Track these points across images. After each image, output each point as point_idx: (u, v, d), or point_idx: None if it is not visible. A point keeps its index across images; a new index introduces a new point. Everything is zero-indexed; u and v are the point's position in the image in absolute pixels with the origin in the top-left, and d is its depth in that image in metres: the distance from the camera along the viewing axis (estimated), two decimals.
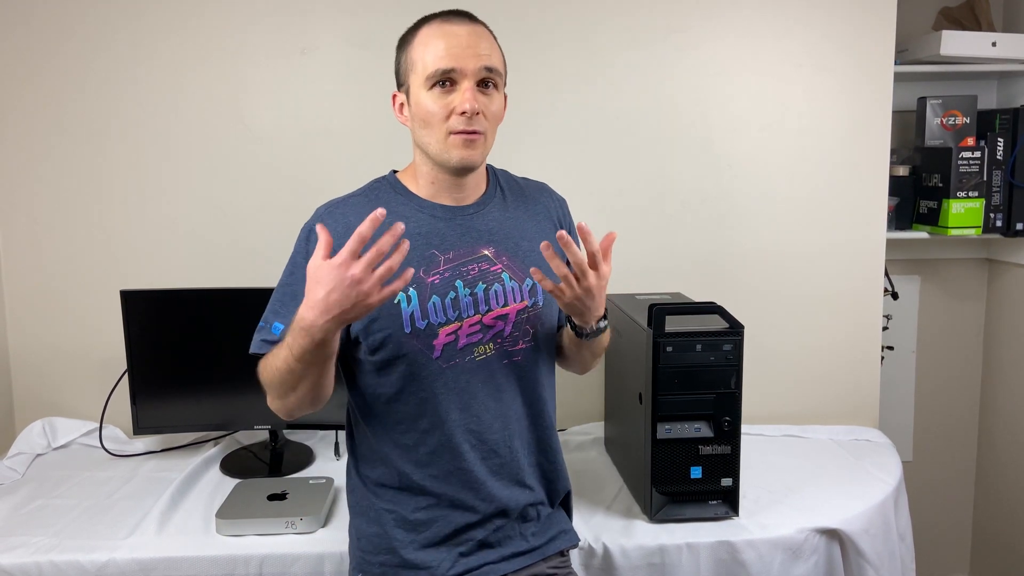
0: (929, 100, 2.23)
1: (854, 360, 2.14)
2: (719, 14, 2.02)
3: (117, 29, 1.96)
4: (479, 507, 1.30)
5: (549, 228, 1.38)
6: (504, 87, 1.30)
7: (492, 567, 1.31)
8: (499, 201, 1.36)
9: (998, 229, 2.22)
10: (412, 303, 1.26)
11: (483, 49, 1.24)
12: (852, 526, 1.59)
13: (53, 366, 2.06)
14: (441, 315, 1.27)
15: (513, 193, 1.39)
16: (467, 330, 1.28)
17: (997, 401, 2.46)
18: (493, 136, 1.29)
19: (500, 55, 1.29)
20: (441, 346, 1.27)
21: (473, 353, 1.28)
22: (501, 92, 1.29)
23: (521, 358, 1.31)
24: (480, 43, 1.24)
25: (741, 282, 2.10)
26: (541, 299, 1.32)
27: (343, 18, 1.99)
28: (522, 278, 1.31)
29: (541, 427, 1.37)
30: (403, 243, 1.07)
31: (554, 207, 1.42)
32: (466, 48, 1.22)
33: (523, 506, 1.34)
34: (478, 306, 1.28)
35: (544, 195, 1.43)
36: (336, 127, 2.01)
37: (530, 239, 1.34)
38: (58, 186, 2.01)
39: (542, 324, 1.33)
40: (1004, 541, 2.44)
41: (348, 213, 1.27)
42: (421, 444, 1.29)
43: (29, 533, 1.54)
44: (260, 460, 1.91)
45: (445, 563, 1.29)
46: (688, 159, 2.07)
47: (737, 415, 1.57)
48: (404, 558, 1.29)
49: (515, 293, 1.30)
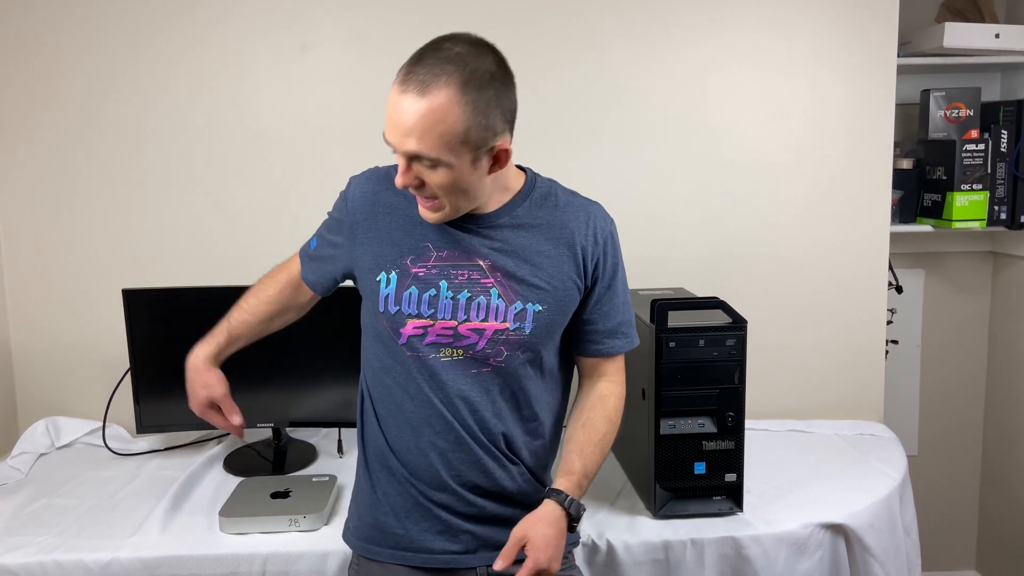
0: (932, 93, 2.22)
1: (858, 354, 2.13)
2: (720, 8, 2.01)
3: (117, 27, 1.96)
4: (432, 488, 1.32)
5: (565, 256, 1.30)
6: (478, 150, 1.16)
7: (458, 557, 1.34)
8: (519, 215, 1.30)
9: (1002, 222, 2.21)
10: (390, 286, 1.28)
11: (411, 129, 1.12)
12: (857, 521, 1.59)
13: (56, 365, 2.06)
14: (413, 307, 1.27)
15: (543, 210, 1.31)
16: (438, 330, 1.27)
17: (1002, 394, 2.45)
18: (462, 196, 1.20)
19: (451, 128, 1.12)
20: (407, 335, 1.28)
21: (439, 353, 1.28)
22: (455, 166, 1.15)
23: (490, 370, 1.29)
24: (415, 121, 1.11)
25: (744, 277, 2.09)
26: (529, 327, 1.27)
27: (342, 15, 1.98)
28: (512, 299, 1.27)
29: (492, 444, 1.31)
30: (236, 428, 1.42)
31: (583, 233, 1.31)
32: (398, 125, 1.13)
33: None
34: (456, 313, 1.27)
35: (579, 220, 1.31)
36: (336, 123, 2.01)
37: (535, 263, 1.28)
38: (60, 185, 2.01)
39: (524, 349, 1.29)
40: (1010, 535, 2.44)
41: (379, 187, 1.33)
42: (390, 416, 1.33)
43: (33, 533, 1.54)
44: (263, 458, 1.91)
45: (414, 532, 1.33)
46: (691, 154, 2.06)
47: (741, 410, 1.56)
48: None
49: (498, 312, 1.27)
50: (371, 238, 1.31)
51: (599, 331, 1.35)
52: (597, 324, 1.34)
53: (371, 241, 1.31)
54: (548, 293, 1.29)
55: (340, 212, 1.36)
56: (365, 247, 1.31)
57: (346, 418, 1.86)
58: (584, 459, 1.31)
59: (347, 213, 1.34)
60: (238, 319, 1.44)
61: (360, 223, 1.32)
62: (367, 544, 1.36)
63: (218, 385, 1.41)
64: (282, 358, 1.84)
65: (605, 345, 1.36)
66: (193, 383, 1.41)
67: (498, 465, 1.32)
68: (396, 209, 1.31)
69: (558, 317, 1.31)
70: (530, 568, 1.19)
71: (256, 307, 1.44)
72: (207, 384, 1.40)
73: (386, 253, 1.29)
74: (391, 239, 1.30)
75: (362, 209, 1.32)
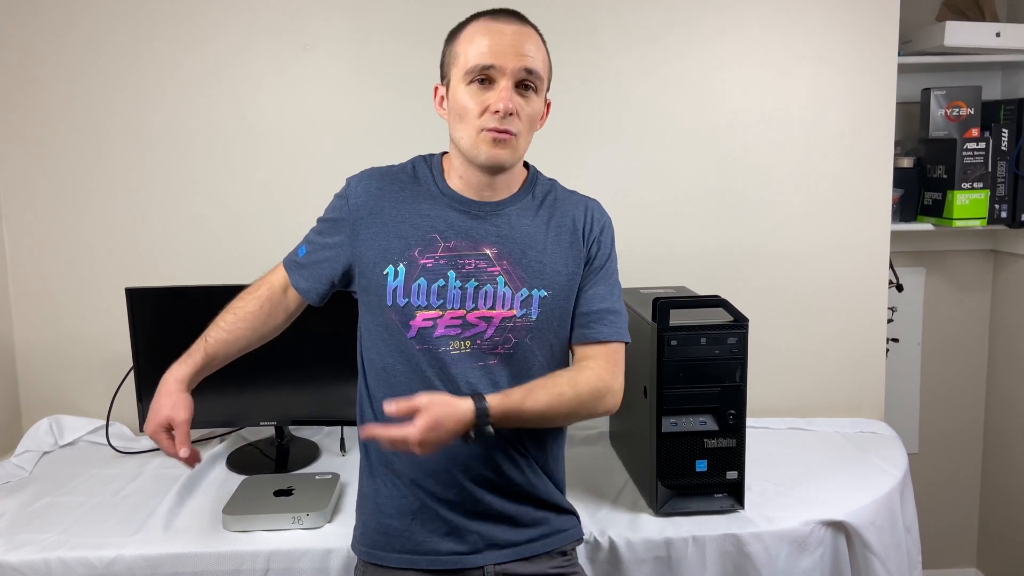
0: (933, 91, 2.22)
1: (859, 353, 2.14)
2: (721, 7, 2.02)
3: (120, 26, 1.96)
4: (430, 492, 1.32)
5: (567, 242, 1.34)
6: (547, 91, 1.31)
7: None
8: (524, 205, 1.34)
9: (1003, 220, 2.21)
10: (399, 278, 1.28)
11: (526, 50, 1.24)
12: (858, 518, 1.59)
13: (59, 364, 2.07)
14: (423, 299, 1.28)
15: (544, 202, 1.36)
16: (447, 321, 1.28)
17: (1003, 392, 2.45)
18: (528, 139, 1.29)
19: (545, 60, 1.29)
20: (417, 328, 1.28)
21: (448, 346, 1.28)
22: (541, 96, 1.29)
23: (496, 361, 1.30)
24: (525, 44, 1.24)
25: (745, 275, 2.09)
26: (535, 313, 1.30)
27: (345, 14, 1.99)
28: (518, 286, 1.30)
29: (500, 436, 1.29)
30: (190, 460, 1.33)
31: (582, 220, 1.36)
32: (508, 47, 1.23)
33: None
34: (464, 302, 1.28)
35: (578, 209, 1.37)
36: (339, 122, 2.02)
37: (539, 250, 1.32)
38: (63, 184, 2.01)
39: (532, 336, 1.31)
40: (1011, 532, 2.44)
41: (382, 183, 1.35)
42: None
43: (37, 530, 1.54)
44: (266, 456, 1.92)
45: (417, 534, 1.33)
46: (692, 153, 2.06)
47: (742, 408, 1.57)
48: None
49: (505, 299, 1.29)
50: (375, 233, 1.32)
51: (582, 314, 1.35)
52: (581, 307, 1.35)
53: (376, 236, 1.31)
54: (553, 279, 1.31)
55: (339, 212, 1.36)
56: (369, 243, 1.32)
57: (349, 416, 1.86)
58: (527, 398, 1.24)
59: (348, 211, 1.34)
60: (215, 337, 1.38)
61: (364, 219, 1.33)
62: (371, 549, 1.36)
63: (183, 410, 1.32)
64: (284, 356, 1.85)
65: (591, 330, 1.34)
66: (159, 401, 1.33)
67: (506, 456, 1.32)
68: (402, 203, 1.32)
69: (563, 302, 1.32)
70: (400, 432, 1.15)
71: (233, 324, 1.38)
72: (173, 405, 1.32)
73: (393, 246, 1.30)
74: (397, 232, 1.31)
75: (366, 205, 1.33)
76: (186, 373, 1.35)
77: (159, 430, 1.32)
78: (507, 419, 1.23)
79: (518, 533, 1.35)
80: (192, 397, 1.35)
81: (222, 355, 1.39)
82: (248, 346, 1.42)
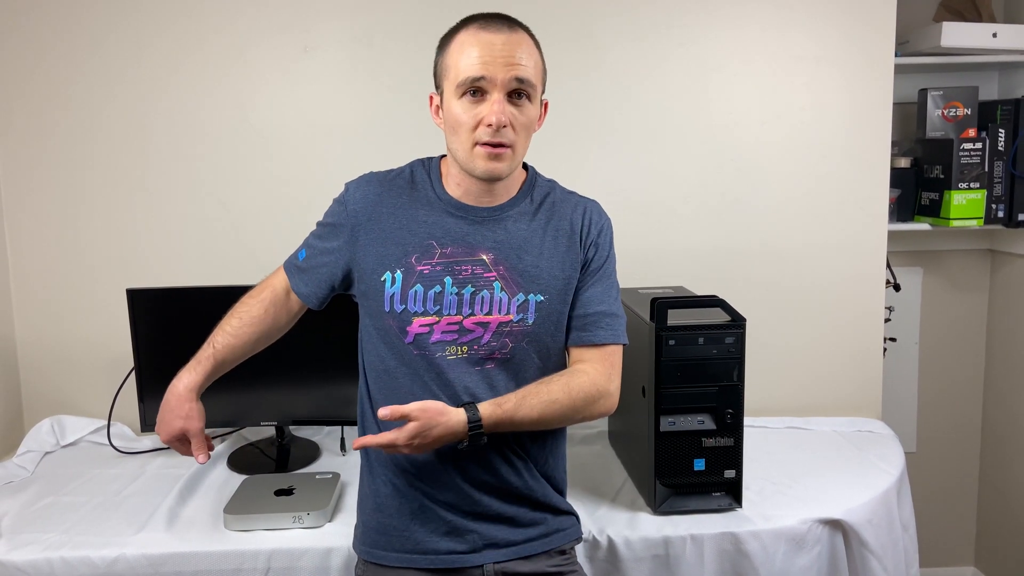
0: (930, 91, 2.23)
1: (857, 352, 2.15)
2: (719, 7, 2.02)
3: (121, 26, 1.97)
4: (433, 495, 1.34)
5: (564, 246, 1.34)
6: (542, 93, 1.30)
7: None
8: (522, 209, 1.34)
9: (1000, 220, 2.22)
10: (396, 285, 1.29)
11: (517, 58, 1.22)
12: (855, 517, 1.60)
13: (61, 364, 2.07)
14: (419, 305, 1.29)
15: (542, 205, 1.36)
16: (444, 327, 1.29)
17: (1000, 391, 2.46)
18: (525, 146, 1.29)
19: (538, 64, 1.27)
20: (414, 334, 1.29)
21: (445, 351, 1.29)
22: (536, 102, 1.28)
23: (493, 366, 1.30)
24: (515, 52, 1.22)
25: (743, 275, 2.10)
26: (532, 317, 1.30)
27: (346, 16, 1.99)
28: (514, 291, 1.30)
29: (497, 439, 1.30)
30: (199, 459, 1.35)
31: (579, 223, 1.35)
32: (499, 57, 1.21)
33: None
34: (461, 307, 1.29)
35: (576, 211, 1.36)
36: (340, 124, 2.02)
37: (536, 254, 1.32)
38: (64, 184, 2.02)
39: (529, 340, 1.31)
40: (1008, 530, 2.45)
41: (380, 188, 1.35)
42: None
43: (39, 530, 1.55)
44: (267, 456, 1.92)
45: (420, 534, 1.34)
46: (689, 153, 2.07)
47: (740, 407, 1.58)
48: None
49: (502, 305, 1.30)
50: (374, 239, 1.32)
51: (579, 316, 1.35)
52: (578, 309, 1.35)
53: (374, 242, 1.32)
54: (549, 283, 1.31)
55: (337, 216, 1.37)
56: (367, 248, 1.33)
57: (349, 416, 1.87)
58: (521, 406, 1.25)
59: (347, 216, 1.35)
60: (223, 343, 1.38)
61: (362, 224, 1.33)
62: (371, 548, 1.37)
63: (197, 419, 1.34)
64: (285, 356, 1.85)
65: (588, 332, 1.34)
66: (171, 411, 1.34)
67: (503, 460, 1.33)
68: (399, 209, 1.33)
69: (560, 306, 1.33)
70: (388, 437, 1.20)
71: (240, 329, 1.39)
72: (187, 415, 1.33)
73: (390, 252, 1.31)
74: (395, 238, 1.31)
75: (364, 210, 1.34)
76: (197, 381, 1.36)
77: (174, 440, 1.35)
78: (500, 428, 1.25)
79: (517, 533, 1.36)
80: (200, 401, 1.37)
81: (230, 360, 1.40)
82: (254, 349, 1.43)
